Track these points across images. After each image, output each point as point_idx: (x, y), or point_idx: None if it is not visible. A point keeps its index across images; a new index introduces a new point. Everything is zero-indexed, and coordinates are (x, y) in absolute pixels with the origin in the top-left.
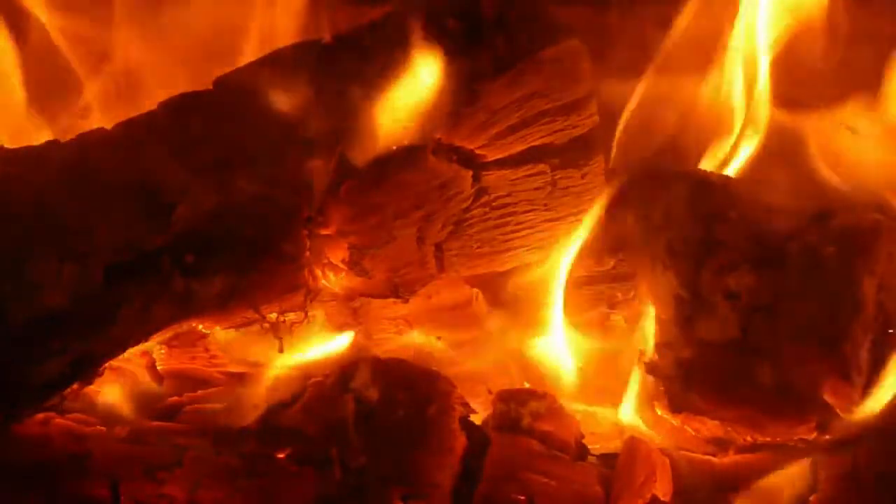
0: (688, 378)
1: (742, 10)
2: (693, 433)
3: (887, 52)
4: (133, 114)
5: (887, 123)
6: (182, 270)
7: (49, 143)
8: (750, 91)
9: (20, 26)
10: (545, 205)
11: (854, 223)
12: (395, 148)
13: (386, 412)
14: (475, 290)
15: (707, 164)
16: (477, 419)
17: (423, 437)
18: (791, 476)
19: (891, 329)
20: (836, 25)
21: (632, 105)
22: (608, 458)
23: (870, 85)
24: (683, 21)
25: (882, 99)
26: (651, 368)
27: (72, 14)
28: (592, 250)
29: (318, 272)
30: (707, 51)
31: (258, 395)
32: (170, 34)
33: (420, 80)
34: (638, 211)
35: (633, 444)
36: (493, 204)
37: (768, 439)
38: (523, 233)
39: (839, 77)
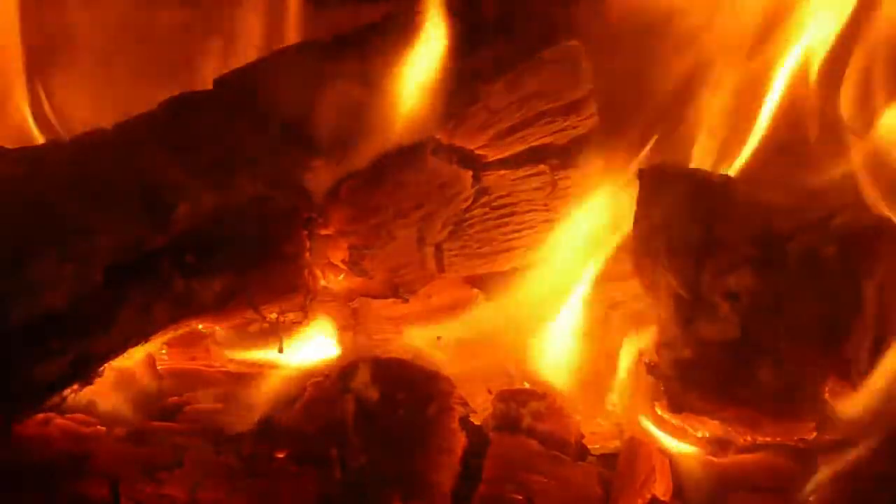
0: (688, 378)
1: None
2: (693, 433)
3: None
4: None
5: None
6: (182, 271)
7: (49, 142)
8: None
9: None
10: (545, 205)
11: (854, 223)
12: (395, 148)
13: (386, 412)
14: (475, 290)
15: (704, 164)
16: (477, 419)
17: (423, 437)
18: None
19: (890, 329)
20: None
21: (638, 105)
22: (608, 458)
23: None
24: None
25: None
26: (651, 368)
27: None
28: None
29: (318, 272)
30: (709, 51)
31: (258, 395)
32: None
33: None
34: (638, 211)
35: (633, 444)
36: (493, 204)
37: (768, 439)
38: (523, 233)
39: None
